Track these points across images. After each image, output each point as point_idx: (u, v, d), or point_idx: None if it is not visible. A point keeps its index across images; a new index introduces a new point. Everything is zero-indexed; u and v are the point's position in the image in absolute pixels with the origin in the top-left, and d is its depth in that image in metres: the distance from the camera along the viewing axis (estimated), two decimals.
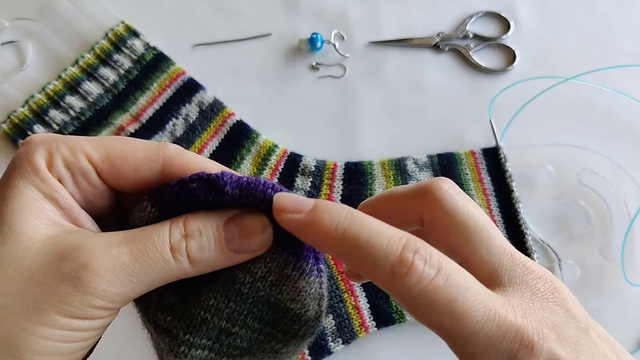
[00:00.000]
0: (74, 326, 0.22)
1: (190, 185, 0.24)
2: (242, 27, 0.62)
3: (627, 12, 0.64)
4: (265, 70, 0.60)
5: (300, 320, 0.26)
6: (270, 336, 0.26)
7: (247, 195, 0.24)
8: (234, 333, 0.25)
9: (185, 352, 0.25)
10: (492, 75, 0.61)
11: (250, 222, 0.24)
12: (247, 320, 0.25)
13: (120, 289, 0.22)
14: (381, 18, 0.63)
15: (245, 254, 0.25)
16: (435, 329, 0.23)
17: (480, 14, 0.63)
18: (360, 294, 0.50)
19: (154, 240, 0.23)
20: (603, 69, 0.59)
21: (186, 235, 0.24)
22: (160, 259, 0.23)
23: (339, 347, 0.48)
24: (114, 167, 0.25)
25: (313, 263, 0.25)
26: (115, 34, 0.58)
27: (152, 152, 0.25)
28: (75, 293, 0.21)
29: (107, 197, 0.26)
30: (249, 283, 0.25)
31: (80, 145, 0.24)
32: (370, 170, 0.54)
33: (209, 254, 0.24)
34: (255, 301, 0.25)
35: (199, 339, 0.25)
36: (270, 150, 0.55)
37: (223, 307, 0.25)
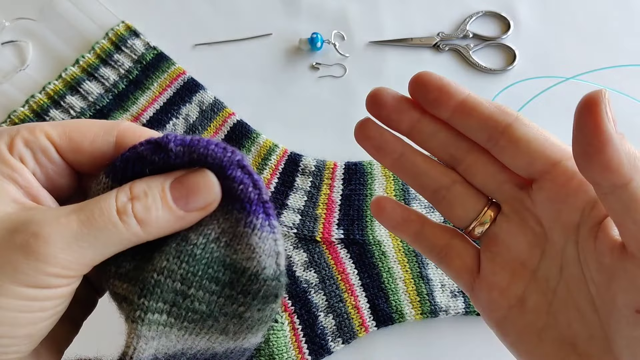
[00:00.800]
0: (30, 295, 0.23)
1: (138, 149, 0.25)
2: (242, 27, 0.62)
3: (627, 12, 0.64)
4: (266, 70, 0.60)
5: (258, 279, 0.25)
6: (230, 298, 0.26)
7: (191, 152, 0.25)
8: (191, 295, 0.25)
9: (142, 316, 0.24)
10: (492, 75, 0.61)
11: (195, 178, 0.25)
12: (203, 282, 0.25)
13: (72, 255, 0.23)
14: (381, 18, 0.63)
15: (196, 213, 0.25)
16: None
17: (480, 14, 0.63)
18: (360, 293, 0.50)
19: (101, 205, 0.24)
20: (603, 68, 0.59)
21: (132, 197, 0.24)
22: (107, 223, 0.23)
23: (338, 346, 0.49)
24: (72, 141, 0.26)
25: (264, 218, 0.25)
26: (115, 33, 0.58)
27: (107, 126, 0.26)
28: (27, 261, 0.22)
29: (68, 175, 0.27)
30: (202, 244, 0.25)
31: (40, 126, 0.26)
32: (370, 170, 0.54)
33: (157, 214, 0.24)
34: (210, 262, 0.25)
35: (154, 302, 0.25)
36: (271, 150, 0.55)
37: (176, 268, 0.25)
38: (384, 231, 0.52)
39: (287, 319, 0.49)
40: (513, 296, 0.31)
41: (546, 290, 0.30)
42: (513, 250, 0.31)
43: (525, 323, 0.31)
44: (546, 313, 0.30)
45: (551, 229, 0.29)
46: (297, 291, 0.50)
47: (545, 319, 0.30)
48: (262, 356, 0.47)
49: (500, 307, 0.31)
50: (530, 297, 0.30)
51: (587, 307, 0.28)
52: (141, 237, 0.24)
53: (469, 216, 0.32)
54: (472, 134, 0.29)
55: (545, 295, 0.30)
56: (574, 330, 0.29)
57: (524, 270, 0.31)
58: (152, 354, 0.25)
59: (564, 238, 0.28)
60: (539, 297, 0.30)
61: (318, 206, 0.53)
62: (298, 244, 0.51)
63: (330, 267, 0.51)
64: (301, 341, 0.48)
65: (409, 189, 0.53)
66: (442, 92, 0.29)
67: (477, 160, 0.30)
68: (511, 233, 0.31)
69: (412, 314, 0.49)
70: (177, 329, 0.26)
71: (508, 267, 0.31)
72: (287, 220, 0.52)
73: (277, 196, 0.53)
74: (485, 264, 0.32)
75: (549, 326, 0.30)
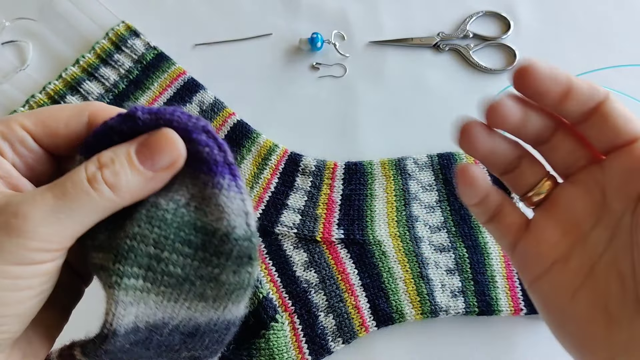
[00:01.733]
0: (16, 273, 0.24)
1: (108, 123, 0.26)
2: (242, 27, 0.62)
3: (627, 12, 0.64)
4: (266, 70, 0.60)
5: (229, 239, 0.26)
6: (204, 261, 0.26)
7: (158, 119, 0.26)
8: (165, 259, 0.26)
9: (118, 281, 0.25)
10: (492, 75, 0.61)
11: (158, 138, 0.26)
12: (176, 245, 0.26)
13: (52, 228, 0.24)
14: (381, 18, 0.63)
15: (164, 172, 0.26)
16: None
17: (480, 14, 0.63)
18: (361, 293, 0.50)
19: (72, 177, 0.25)
20: (603, 68, 0.59)
21: (100, 165, 0.25)
22: (80, 193, 0.25)
23: (339, 346, 0.49)
24: (47, 128, 0.27)
25: (230, 179, 0.26)
26: (115, 33, 0.58)
27: (79, 108, 0.28)
28: (9, 239, 0.23)
29: (47, 161, 0.28)
30: (172, 209, 0.26)
31: (14, 118, 0.27)
32: (370, 169, 0.54)
33: (127, 178, 0.25)
34: (182, 226, 0.26)
35: (129, 267, 0.25)
36: (271, 150, 0.55)
37: (148, 233, 0.26)
38: (384, 231, 0.52)
39: (287, 318, 0.49)
40: (559, 252, 0.33)
41: (592, 254, 0.32)
42: (569, 213, 0.33)
43: (563, 280, 0.33)
44: (586, 275, 0.32)
45: (613, 198, 0.31)
46: (297, 291, 0.50)
47: (583, 280, 0.32)
48: (262, 356, 0.47)
49: (543, 262, 0.33)
50: (574, 257, 0.32)
51: (628, 274, 0.30)
52: (116, 203, 0.25)
53: (530, 181, 0.34)
54: (567, 113, 0.31)
55: (590, 259, 0.32)
56: (610, 294, 0.31)
57: (575, 231, 0.33)
58: (132, 321, 0.26)
59: (623, 207, 0.30)
60: (584, 259, 0.32)
61: (318, 206, 0.53)
62: (298, 244, 0.51)
63: (331, 267, 0.51)
64: (301, 341, 0.48)
65: (409, 189, 0.53)
66: (550, 83, 0.30)
67: (559, 140, 0.32)
68: (572, 198, 0.33)
69: (412, 314, 0.49)
70: (154, 294, 0.26)
71: (561, 226, 0.33)
72: (287, 220, 0.52)
73: (277, 196, 0.53)
74: (539, 221, 0.34)
75: (585, 287, 0.32)
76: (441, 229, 0.52)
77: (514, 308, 0.49)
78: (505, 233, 0.36)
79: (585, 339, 0.32)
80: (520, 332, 0.50)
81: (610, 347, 0.30)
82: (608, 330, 0.31)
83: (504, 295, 0.49)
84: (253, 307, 0.49)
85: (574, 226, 0.33)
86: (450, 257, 0.51)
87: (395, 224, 0.52)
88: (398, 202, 0.53)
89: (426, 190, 0.54)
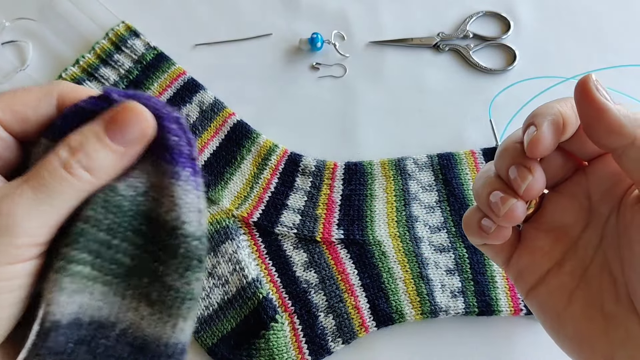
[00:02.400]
0: (8, 274, 0.23)
1: (80, 104, 0.26)
2: (242, 27, 0.62)
3: (627, 12, 0.64)
4: (266, 70, 0.60)
5: (178, 234, 0.25)
6: (152, 254, 0.26)
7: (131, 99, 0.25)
8: (115, 246, 0.25)
9: (65, 266, 0.24)
10: (492, 75, 0.61)
11: (125, 112, 0.25)
12: (127, 233, 0.25)
13: (36, 221, 0.24)
14: (381, 18, 0.63)
15: (135, 146, 0.26)
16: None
17: (480, 14, 0.63)
18: (360, 293, 0.50)
19: (46, 166, 0.24)
20: (603, 68, 0.59)
21: (72, 150, 0.25)
22: (59, 180, 0.24)
23: (338, 346, 0.49)
24: (16, 114, 0.26)
25: (191, 173, 0.26)
26: (115, 33, 0.58)
27: (46, 89, 0.27)
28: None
29: (15, 147, 0.27)
30: (130, 197, 0.25)
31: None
32: (370, 170, 0.54)
33: (100, 157, 0.25)
34: (136, 214, 0.25)
35: (78, 252, 0.25)
36: (271, 150, 0.55)
37: (102, 218, 0.25)
38: (384, 231, 0.52)
39: (287, 319, 0.49)
40: (553, 259, 0.34)
41: (584, 258, 0.33)
42: (558, 220, 0.34)
43: (558, 285, 0.34)
44: (580, 277, 0.33)
45: (599, 201, 0.32)
46: (297, 291, 0.50)
47: (578, 282, 0.33)
48: (262, 356, 0.47)
49: (539, 269, 0.35)
50: (567, 262, 0.34)
51: (619, 272, 0.31)
52: (94, 184, 0.25)
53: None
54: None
55: (582, 261, 0.33)
56: (604, 293, 0.32)
57: (566, 237, 0.34)
58: (76, 311, 0.25)
59: (609, 210, 0.31)
60: (576, 262, 0.33)
61: (318, 206, 0.53)
62: (298, 244, 0.51)
63: (331, 267, 0.51)
64: (301, 341, 0.48)
65: (409, 189, 0.53)
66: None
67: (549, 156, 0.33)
68: (559, 206, 0.34)
69: (412, 314, 0.49)
70: (101, 283, 0.25)
71: (552, 234, 0.34)
72: (287, 221, 0.52)
73: (277, 196, 0.53)
74: (530, 232, 0.35)
75: (580, 289, 0.33)
76: (441, 229, 0.52)
77: (513, 308, 0.49)
78: (499, 252, 0.36)
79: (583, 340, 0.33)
80: (520, 332, 0.50)
81: (608, 345, 0.31)
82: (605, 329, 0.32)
83: (504, 295, 0.49)
84: (253, 307, 0.49)
85: (564, 233, 0.34)
86: (450, 257, 0.51)
87: (395, 224, 0.52)
88: (398, 202, 0.53)
89: (426, 190, 0.54)
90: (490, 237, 0.34)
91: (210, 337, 0.48)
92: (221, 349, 0.48)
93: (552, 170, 0.33)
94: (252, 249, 0.51)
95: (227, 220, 0.52)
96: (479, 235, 0.34)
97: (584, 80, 0.29)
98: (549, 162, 0.33)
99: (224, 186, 0.53)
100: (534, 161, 0.32)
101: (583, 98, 0.29)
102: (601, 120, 0.29)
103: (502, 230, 0.34)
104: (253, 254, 0.51)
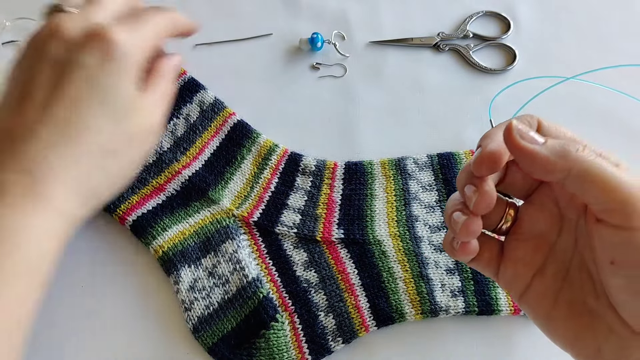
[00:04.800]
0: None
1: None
2: (242, 27, 0.62)
3: (627, 12, 0.64)
4: (266, 70, 0.60)
5: None
6: None
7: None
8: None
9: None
10: (492, 75, 0.61)
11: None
12: None
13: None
14: (381, 18, 0.63)
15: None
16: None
17: (480, 14, 0.63)
18: (361, 293, 0.50)
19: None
20: (603, 68, 0.59)
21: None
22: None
23: (339, 346, 0.49)
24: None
25: None
26: None
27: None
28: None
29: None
30: None
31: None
32: (370, 169, 0.54)
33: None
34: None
35: None
36: (271, 150, 0.55)
37: None
38: (384, 231, 0.52)
39: (288, 318, 0.49)
40: (535, 266, 0.37)
41: (563, 260, 0.36)
42: (534, 229, 0.37)
43: (544, 288, 0.37)
44: (563, 279, 0.36)
45: (565, 208, 0.35)
46: (297, 291, 0.50)
47: (561, 284, 0.36)
48: (262, 356, 0.47)
49: (524, 278, 0.37)
50: (549, 266, 0.37)
51: (594, 270, 0.33)
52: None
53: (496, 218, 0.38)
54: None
55: (563, 264, 0.36)
56: (585, 291, 0.34)
57: (544, 244, 0.37)
58: None
59: (576, 214, 0.34)
60: (557, 265, 0.36)
61: (318, 206, 0.53)
62: (298, 243, 0.52)
63: (331, 267, 0.51)
64: (301, 341, 0.48)
65: (409, 189, 0.54)
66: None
67: (512, 174, 0.36)
68: (533, 216, 0.37)
69: (412, 314, 0.49)
70: None
71: (530, 243, 0.37)
72: (288, 220, 0.52)
73: (277, 196, 0.53)
74: (510, 243, 0.38)
75: (564, 290, 0.36)
76: (441, 229, 0.52)
77: (513, 308, 0.49)
78: (486, 266, 0.40)
79: (574, 336, 0.35)
80: (520, 332, 0.50)
81: (595, 339, 0.34)
82: (591, 324, 0.34)
83: (504, 295, 0.49)
84: (253, 307, 0.49)
85: (541, 240, 0.37)
86: (450, 257, 0.51)
87: (395, 224, 0.52)
88: (398, 202, 0.53)
89: (426, 190, 0.54)
90: (457, 253, 0.38)
91: (210, 337, 0.48)
92: (221, 349, 0.48)
93: (519, 184, 0.36)
94: (253, 248, 0.51)
95: (227, 220, 0.52)
96: (450, 253, 0.38)
97: (507, 131, 0.32)
98: (514, 177, 0.36)
99: (224, 186, 0.53)
100: (481, 179, 0.35)
101: (511, 147, 0.32)
102: (533, 164, 0.32)
103: (465, 247, 0.37)
104: (253, 254, 0.51)
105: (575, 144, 0.32)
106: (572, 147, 0.32)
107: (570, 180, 0.32)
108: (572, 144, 0.32)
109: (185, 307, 0.49)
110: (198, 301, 0.49)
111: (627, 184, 0.30)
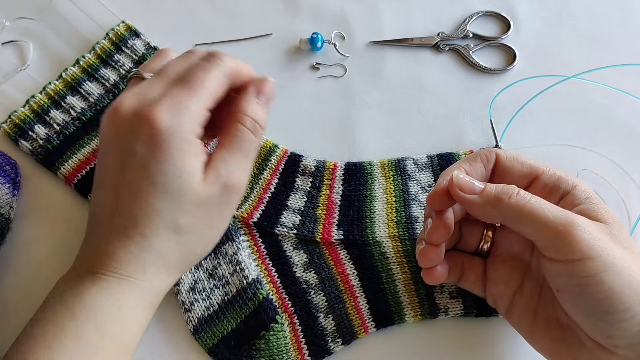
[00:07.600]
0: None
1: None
2: (242, 27, 0.62)
3: (627, 12, 0.64)
4: (266, 70, 0.60)
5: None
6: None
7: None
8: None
9: None
10: (492, 75, 0.61)
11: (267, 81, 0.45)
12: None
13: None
14: (381, 18, 0.63)
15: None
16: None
17: (480, 14, 0.63)
18: (360, 294, 0.50)
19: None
20: (603, 67, 0.59)
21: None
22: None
23: (338, 347, 0.49)
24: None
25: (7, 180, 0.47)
26: (116, 33, 0.58)
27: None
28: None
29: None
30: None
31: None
32: (370, 170, 0.54)
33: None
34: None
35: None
36: (271, 151, 0.55)
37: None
38: (383, 232, 0.52)
39: (287, 319, 0.49)
40: (515, 285, 0.41)
41: (537, 278, 0.40)
42: (511, 250, 0.42)
43: (524, 305, 0.41)
44: (538, 296, 0.40)
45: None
46: (297, 292, 0.50)
47: (538, 300, 0.40)
48: (262, 357, 0.48)
49: (506, 296, 0.42)
50: (526, 284, 0.41)
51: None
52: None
53: (476, 240, 0.44)
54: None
55: (537, 282, 0.40)
56: (557, 307, 0.38)
57: (520, 264, 0.42)
58: None
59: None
60: (533, 283, 0.41)
61: (318, 207, 0.53)
62: (298, 244, 0.52)
63: (330, 268, 0.51)
64: (301, 342, 0.48)
65: (409, 190, 0.54)
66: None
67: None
68: (507, 238, 0.43)
69: (411, 315, 0.49)
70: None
71: (508, 263, 0.42)
72: (287, 221, 0.52)
73: (277, 197, 0.53)
74: (492, 266, 0.43)
75: (540, 307, 0.40)
76: None
77: None
78: (474, 286, 0.44)
79: (552, 349, 0.39)
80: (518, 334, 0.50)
81: (570, 352, 0.38)
82: (564, 338, 0.38)
83: None
84: (253, 308, 0.49)
85: (517, 260, 0.42)
86: None
87: (395, 225, 0.52)
88: (397, 203, 0.53)
89: (426, 191, 0.54)
90: (425, 278, 0.43)
91: (210, 338, 0.48)
92: (221, 350, 0.48)
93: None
94: (252, 249, 0.51)
95: None
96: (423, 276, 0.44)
97: (450, 182, 0.38)
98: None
99: None
100: (437, 212, 0.40)
101: (453, 197, 0.38)
102: (473, 211, 0.38)
103: (430, 272, 0.43)
104: (253, 255, 0.51)
105: (509, 191, 0.36)
106: (505, 195, 0.36)
107: (508, 223, 0.36)
108: (505, 192, 0.36)
109: (185, 308, 0.49)
110: (198, 302, 0.49)
111: (559, 221, 0.34)
